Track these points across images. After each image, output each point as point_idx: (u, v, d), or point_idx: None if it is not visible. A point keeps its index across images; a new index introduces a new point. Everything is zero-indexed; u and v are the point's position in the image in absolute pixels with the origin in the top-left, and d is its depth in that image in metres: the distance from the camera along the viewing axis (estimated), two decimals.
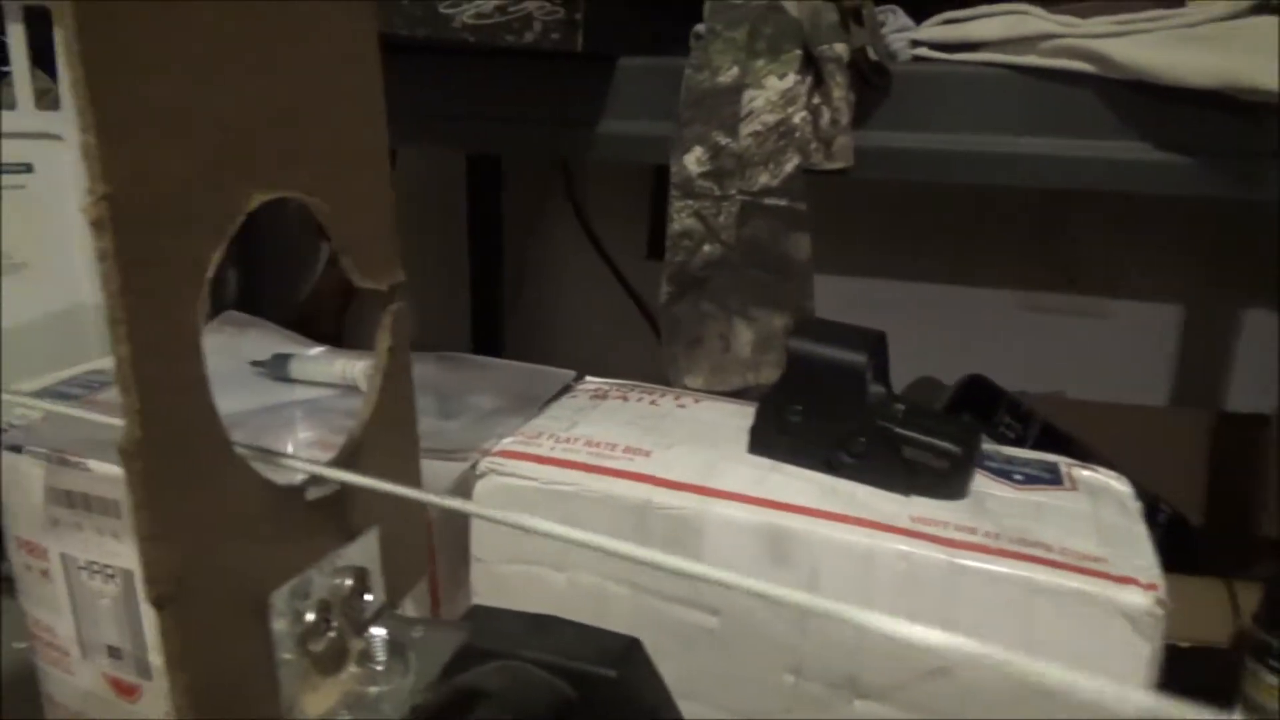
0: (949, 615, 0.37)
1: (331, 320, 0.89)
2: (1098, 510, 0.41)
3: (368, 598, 0.22)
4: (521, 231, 1.02)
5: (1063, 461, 0.45)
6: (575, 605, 0.41)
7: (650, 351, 1.02)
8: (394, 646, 0.21)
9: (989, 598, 0.36)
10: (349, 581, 0.21)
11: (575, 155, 0.68)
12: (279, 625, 0.19)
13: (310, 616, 0.20)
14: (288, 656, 0.19)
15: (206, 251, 0.17)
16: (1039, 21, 0.44)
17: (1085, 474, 0.45)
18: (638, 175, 0.95)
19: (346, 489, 0.21)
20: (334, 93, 0.20)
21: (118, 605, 0.47)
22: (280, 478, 0.19)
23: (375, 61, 0.22)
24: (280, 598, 0.19)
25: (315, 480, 0.20)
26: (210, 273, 0.17)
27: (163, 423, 0.16)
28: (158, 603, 0.16)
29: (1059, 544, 0.37)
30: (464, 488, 0.43)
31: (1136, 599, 0.35)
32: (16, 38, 0.68)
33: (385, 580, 0.23)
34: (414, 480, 0.24)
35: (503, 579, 0.43)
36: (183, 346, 0.16)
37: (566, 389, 0.52)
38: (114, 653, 0.49)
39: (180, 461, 0.16)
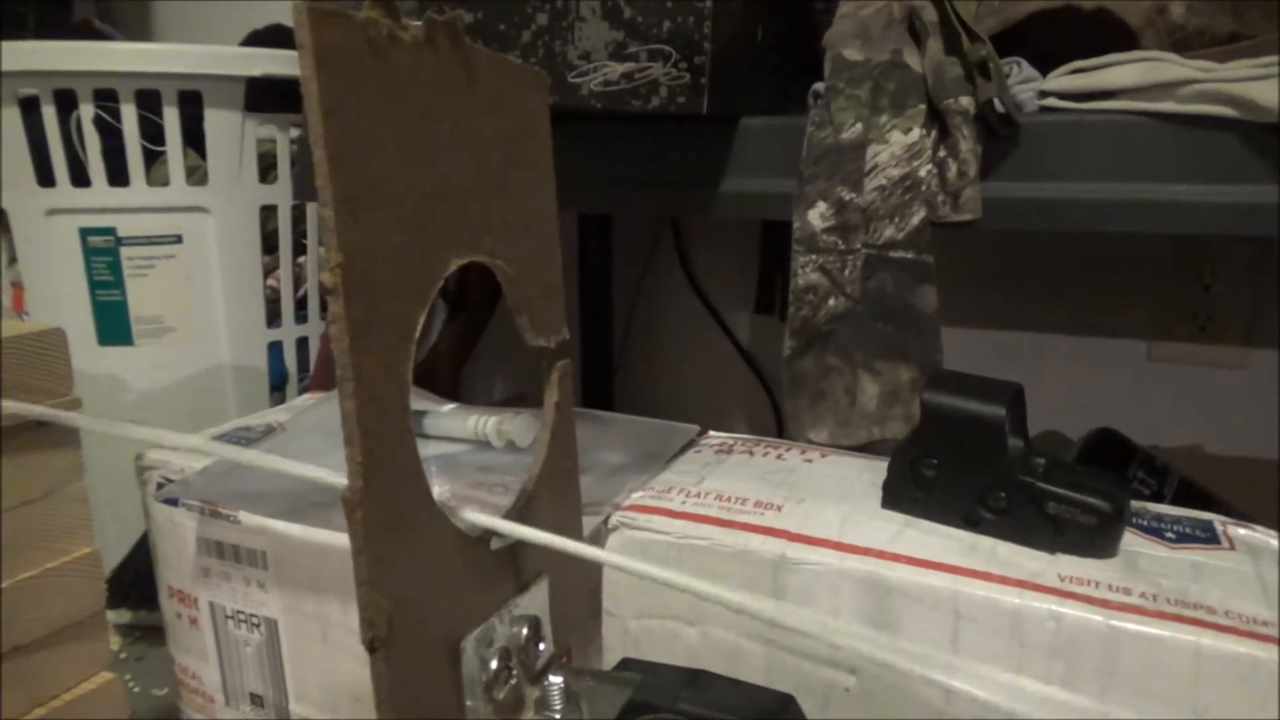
0: (1106, 681, 0.35)
1: (448, 378, 0.92)
2: (1260, 570, 0.39)
3: (541, 647, 0.22)
4: (630, 286, 1.04)
5: (1217, 519, 0.43)
6: (708, 661, 0.41)
7: (758, 405, 1.01)
8: (568, 695, 0.21)
9: (1150, 663, 0.34)
10: (525, 630, 0.22)
11: (697, 213, 0.69)
12: (468, 672, 0.19)
13: (494, 664, 0.20)
14: (471, 703, 0.20)
15: (414, 314, 0.18)
16: (1175, 68, 0.43)
17: (1242, 532, 0.42)
18: (745, 230, 0.96)
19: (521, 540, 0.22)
20: (515, 163, 0.22)
21: (261, 654, 0.49)
22: (468, 529, 0.20)
23: (547, 133, 0.23)
24: (469, 644, 0.19)
25: (497, 531, 0.21)
26: (417, 333, 0.18)
27: (380, 474, 0.17)
28: (371, 645, 0.17)
29: (1224, 606, 0.35)
30: (596, 541, 0.44)
31: None
32: (170, 120, 0.74)
33: (554, 630, 0.23)
34: (577, 531, 0.25)
35: (635, 633, 0.43)
36: (397, 402, 0.17)
37: (691, 443, 0.52)
38: (256, 700, 0.51)
39: (393, 511, 0.17)
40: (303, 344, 0.86)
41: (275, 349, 0.84)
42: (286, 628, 0.47)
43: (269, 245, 0.82)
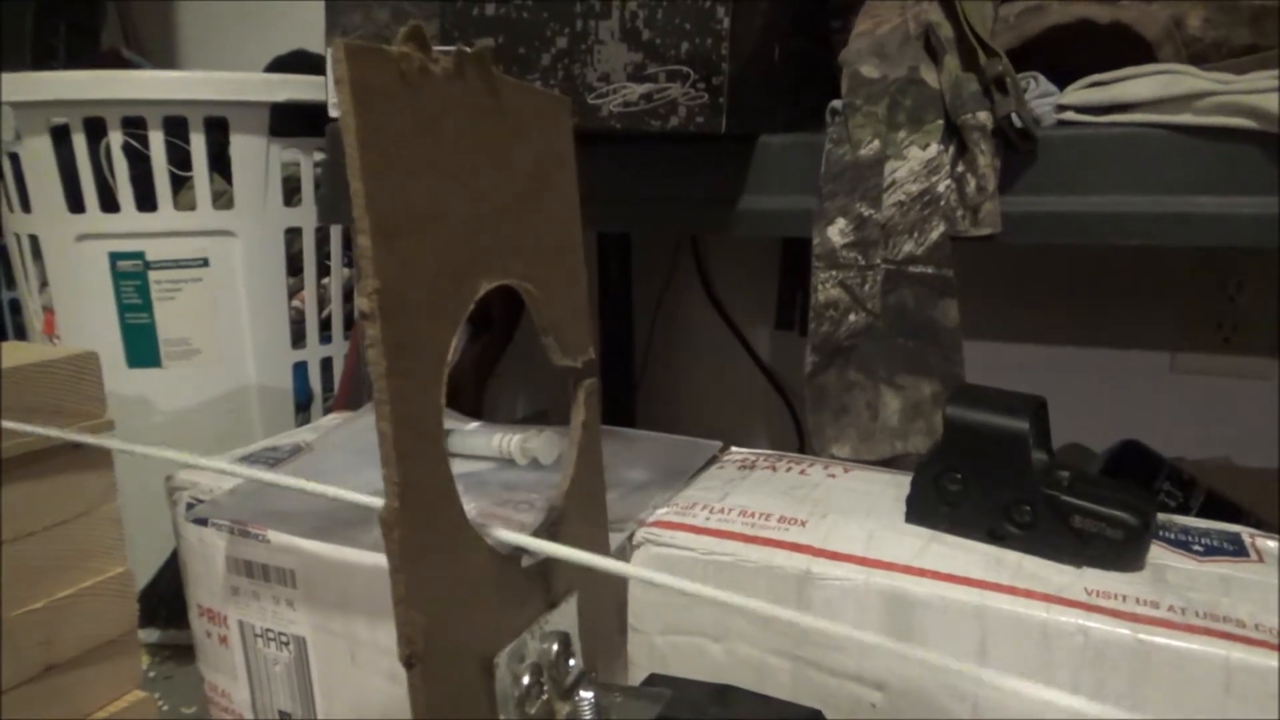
0: (1136, 695, 0.35)
1: (471, 397, 0.93)
2: None
3: (571, 663, 0.22)
4: (650, 303, 1.04)
5: (1245, 531, 0.43)
6: (734, 677, 0.41)
7: (779, 420, 1.01)
8: (599, 711, 0.22)
9: (1180, 677, 0.34)
10: (555, 646, 0.22)
11: (717, 231, 0.70)
12: (501, 687, 0.20)
13: (526, 680, 0.21)
14: (504, 718, 0.20)
15: (446, 337, 0.18)
16: (1194, 80, 0.43)
17: (1271, 544, 0.42)
18: (764, 246, 0.96)
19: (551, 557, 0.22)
20: (542, 187, 0.22)
21: (290, 671, 0.50)
22: (500, 547, 0.20)
23: (572, 157, 0.24)
24: (502, 660, 0.20)
25: (528, 549, 0.21)
26: (449, 356, 0.19)
27: (416, 494, 0.17)
28: (408, 662, 0.17)
29: (1253, 620, 0.35)
30: (621, 558, 0.44)
31: None
32: (197, 146, 0.75)
33: (583, 646, 0.24)
34: (604, 548, 0.25)
35: (661, 649, 0.43)
36: (432, 424, 0.18)
37: (713, 459, 0.52)
38: (285, 718, 0.51)
39: (429, 530, 0.17)
40: (327, 364, 0.87)
41: (300, 369, 0.85)
42: (315, 646, 0.48)
43: (293, 267, 0.83)
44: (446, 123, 0.18)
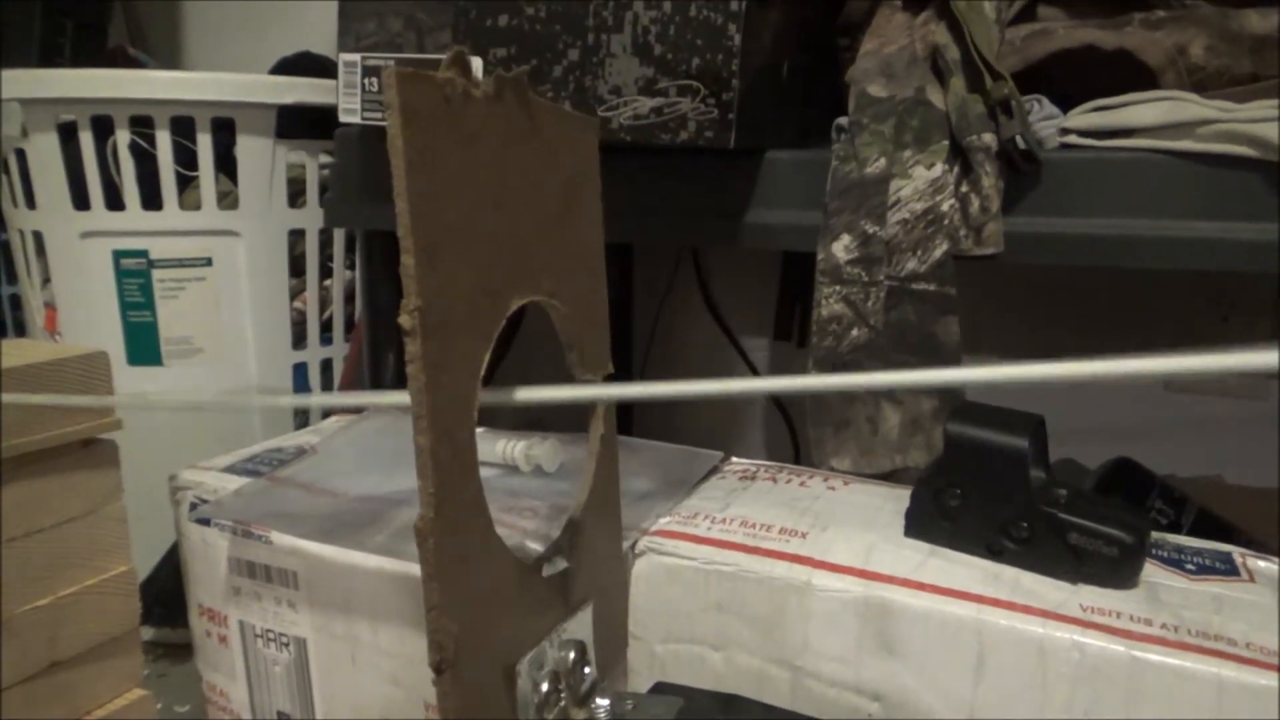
0: (1130, 711, 0.35)
1: None
2: None
3: (587, 670, 0.23)
4: (650, 312, 1.05)
5: (1236, 551, 0.44)
6: (733, 686, 0.42)
7: (776, 431, 1.02)
8: (614, 718, 0.22)
9: (1174, 695, 0.35)
10: (572, 654, 0.22)
11: (723, 244, 0.70)
12: (522, 693, 0.20)
13: (545, 686, 0.21)
14: None
15: (481, 353, 0.19)
16: (1197, 107, 0.44)
17: (1262, 564, 0.43)
18: (764, 257, 0.97)
19: (572, 567, 0.23)
20: (570, 206, 0.23)
21: (289, 673, 0.50)
22: (523, 556, 0.21)
23: (598, 176, 0.24)
24: (524, 667, 0.20)
25: (550, 558, 0.22)
26: (483, 371, 0.19)
27: (450, 505, 0.18)
28: (439, 667, 0.18)
29: (1245, 639, 0.36)
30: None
31: None
32: (203, 146, 0.76)
33: (596, 654, 0.24)
34: (619, 557, 0.26)
35: (661, 658, 0.43)
36: (465, 437, 0.18)
37: (714, 470, 0.53)
38: (283, 718, 0.52)
39: (461, 540, 0.18)
40: (327, 366, 0.88)
41: (300, 370, 0.86)
42: (316, 647, 0.48)
43: (295, 269, 0.83)
44: (485, 144, 0.18)
